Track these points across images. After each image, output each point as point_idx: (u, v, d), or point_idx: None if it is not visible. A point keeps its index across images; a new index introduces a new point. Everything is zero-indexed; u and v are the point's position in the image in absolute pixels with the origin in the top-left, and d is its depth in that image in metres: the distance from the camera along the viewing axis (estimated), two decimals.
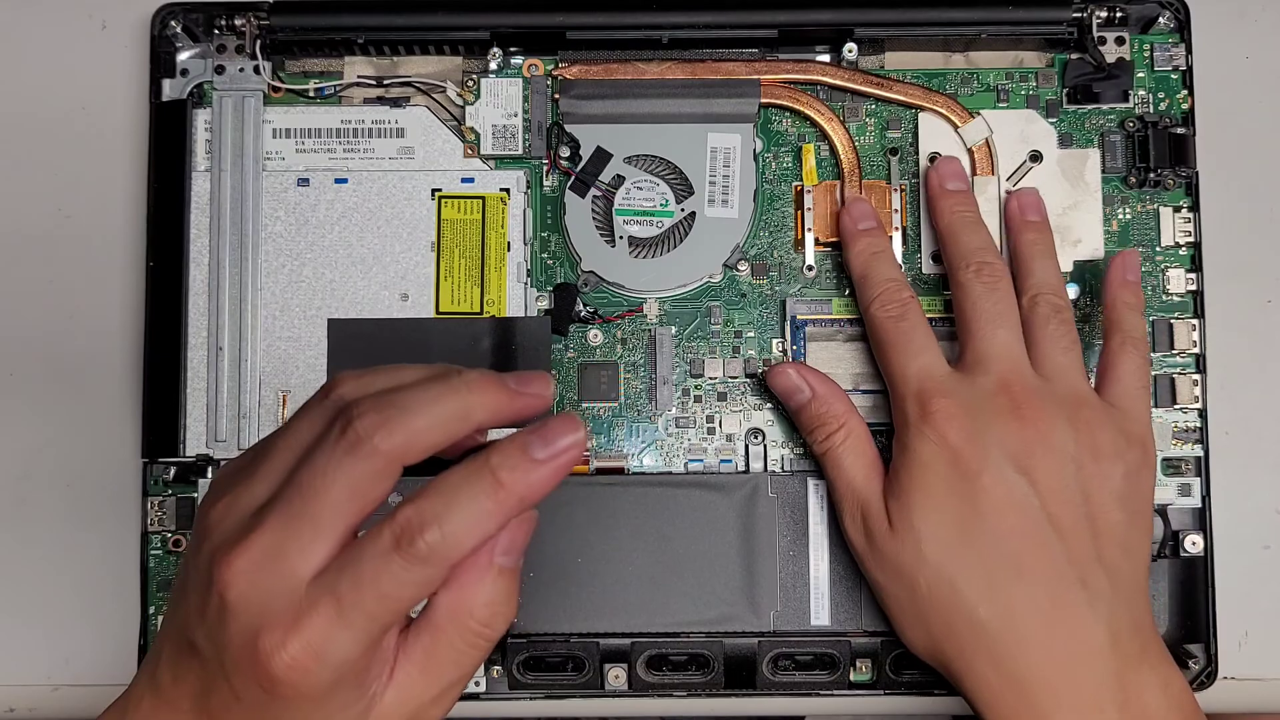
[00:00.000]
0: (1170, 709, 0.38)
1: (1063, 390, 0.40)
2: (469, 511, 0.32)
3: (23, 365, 0.48)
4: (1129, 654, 0.38)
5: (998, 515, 0.39)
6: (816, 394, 0.43)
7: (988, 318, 0.41)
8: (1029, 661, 0.38)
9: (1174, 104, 0.47)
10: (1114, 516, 0.39)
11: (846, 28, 0.46)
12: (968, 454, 0.39)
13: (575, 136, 0.47)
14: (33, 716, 0.47)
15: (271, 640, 0.31)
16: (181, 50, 0.47)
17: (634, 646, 0.44)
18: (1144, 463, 0.41)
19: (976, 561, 0.39)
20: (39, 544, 0.47)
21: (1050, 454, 0.39)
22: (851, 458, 0.42)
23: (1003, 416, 0.39)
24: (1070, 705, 0.38)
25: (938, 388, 0.40)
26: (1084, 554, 0.39)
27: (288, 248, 0.46)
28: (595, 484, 0.44)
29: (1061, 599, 0.38)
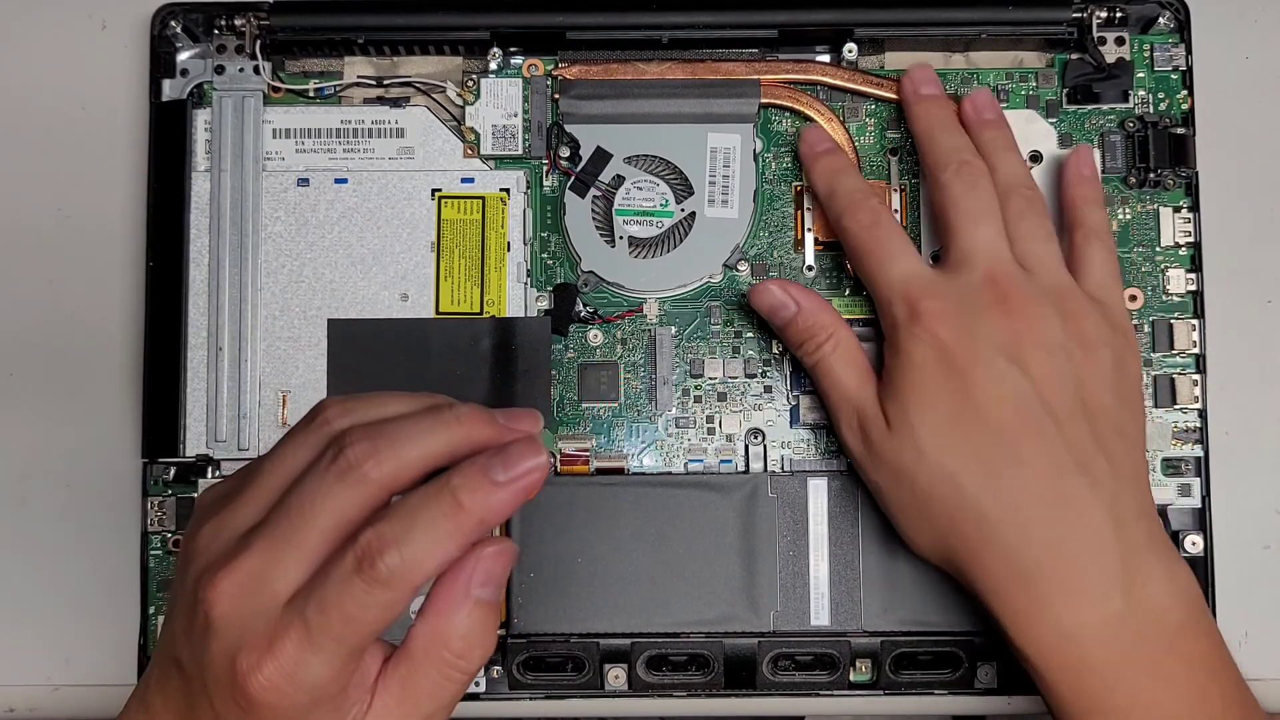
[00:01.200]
0: (1174, 598, 0.38)
1: (1047, 281, 0.41)
2: (428, 534, 0.32)
3: (23, 365, 0.48)
4: (1134, 541, 0.38)
5: (993, 407, 0.39)
6: (803, 307, 0.43)
7: (970, 215, 0.41)
8: (1033, 551, 0.38)
9: (1174, 104, 0.47)
10: (1107, 401, 0.40)
11: (846, 28, 0.46)
12: (959, 350, 0.39)
13: (575, 136, 0.47)
14: (33, 716, 0.47)
15: (248, 661, 0.31)
16: (181, 50, 0.47)
17: (634, 646, 0.44)
18: (1129, 349, 0.41)
19: (975, 454, 0.39)
20: (39, 544, 0.47)
21: (1040, 344, 0.39)
22: (843, 365, 0.42)
23: (991, 311, 0.39)
24: (1075, 592, 0.37)
25: (924, 289, 0.40)
26: (1081, 439, 0.39)
27: (288, 248, 0.46)
28: (595, 484, 0.44)
29: (1062, 485, 0.38)
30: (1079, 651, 0.37)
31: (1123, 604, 0.37)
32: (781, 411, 0.46)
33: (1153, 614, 0.38)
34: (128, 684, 0.46)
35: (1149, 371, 0.46)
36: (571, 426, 0.46)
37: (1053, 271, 0.41)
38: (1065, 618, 0.38)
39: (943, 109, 0.44)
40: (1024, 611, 0.38)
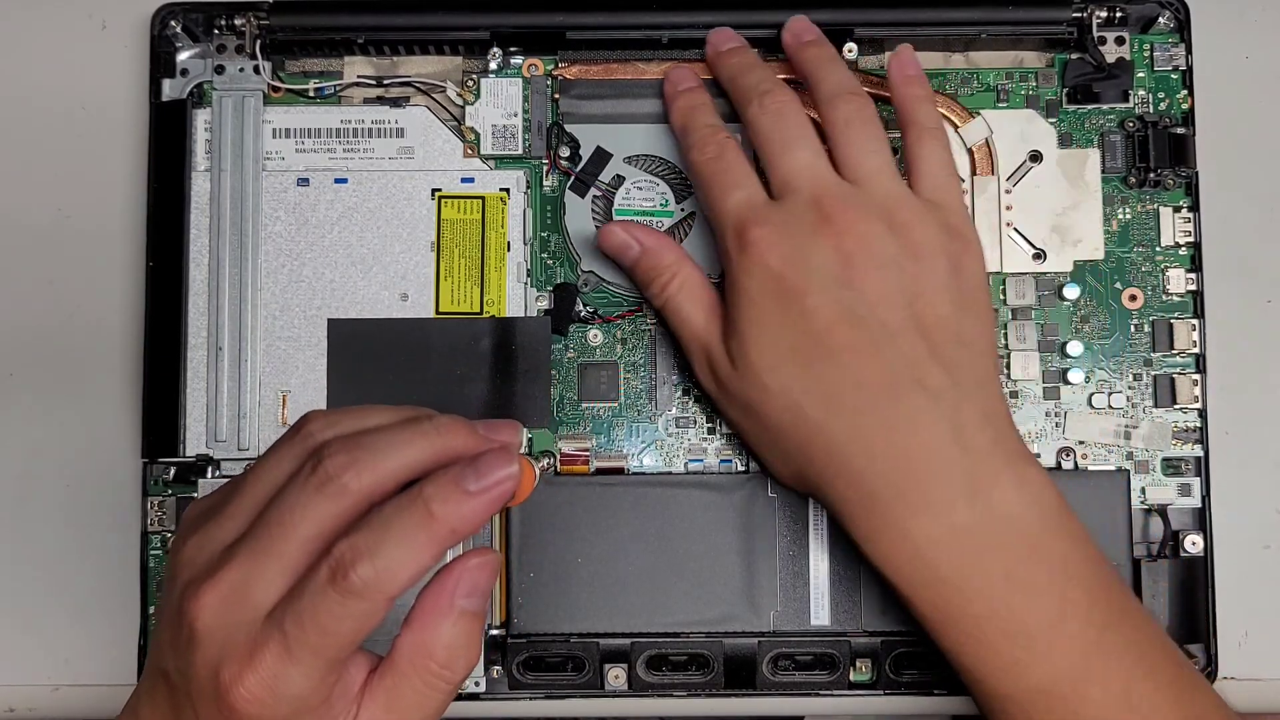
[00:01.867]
0: (1026, 504, 0.37)
1: (875, 194, 0.40)
2: (401, 544, 0.32)
3: (23, 365, 0.48)
4: (977, 448, 0.38)
5: (828, 332, 0.38)
6: (646, 247, 0.42)
7: (782, 143, 0.41)
8: (876, 470, 0.38)
9: (1174, 104, 0.47)
10: (943, 311, 0.39)
11: (846, 28, 0.46)
12: (790, 277, 0.38)
13: (575, 136, 0.47)
14: (32, 716, 0.47)
15: (229, 673, 0.31)
16: (181, 50, 0.47)
17: (634, 646, 0.44)
18: (966, 251, 0.40)
19: (816, 381, 0.38)
20: (39, 544, 0.47)
21: (871, 261, 0.39)
22: (689, 304, 0.42)
23: (818, 233, 0.39)
24: (920, 507, 0.37)
25: (753, 217, 0.40)
26: (917, 353, 0.38)
27: (288, 248, 0.46)
28: (595, 484, 0.44)
29: (900, 402, 0.38)
30: (931, 565, 0.37)
31: (969, 514, 0.37)
32: None
33: (1002, 520, 0.37)
34: (128, 684, 0.46)
35: (1149, 371, 0.46)
36: (571, 426, 0.46)
37: (881, 182, 0.40)
38: (914, 532, 0.37)
39: (744, 56, 0.44)
40: (876, 530, 0.38)
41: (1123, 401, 0.46)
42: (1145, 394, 0.46)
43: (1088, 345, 0.46)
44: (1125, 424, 0.46)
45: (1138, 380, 0.46)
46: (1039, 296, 0.46)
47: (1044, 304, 0.46)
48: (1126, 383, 0.46)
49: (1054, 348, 0.46)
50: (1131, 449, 0.46)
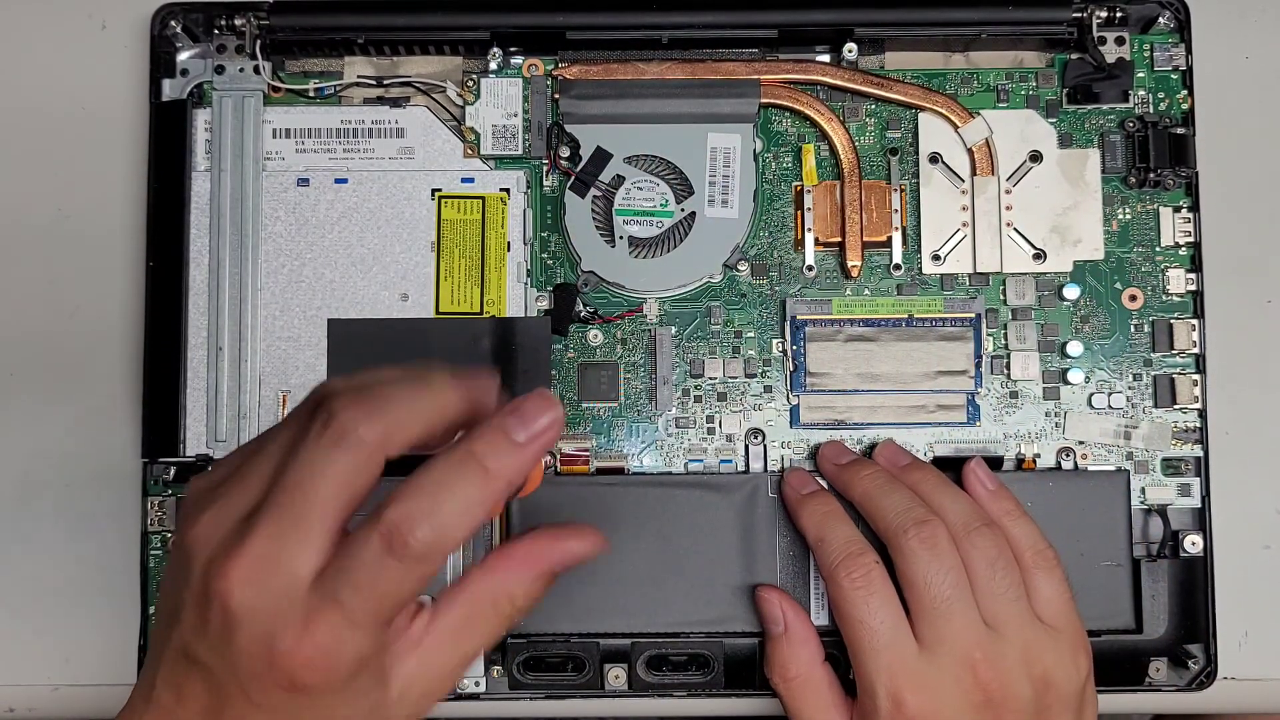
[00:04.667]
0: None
1: (1014, 643, 0.41)
2: (458, 503, 0.32)
3: (23, 365, 0.48)
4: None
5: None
6: (789, 631, 0.43)
7: (942, 591, 0.41)
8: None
9: (1174, 104, 0.47)
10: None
11: (846, 28, 0.46)
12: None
13: (575, 136, 0.47)
14: (32, 716, 0.47)
15: (286, 644, 0.31)
16: (181, 50, 0.47)
17: (634, 646, 0.44)
18: (1087, 665, 0.42)
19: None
20: (39, 544, 0.47)
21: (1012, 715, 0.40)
22: (812, 704, 0.42)
23: (969, 701, 0.40)
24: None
25: (907, 681, 0.40)
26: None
27: (288, 248, 0.46)
28: (595, 484, 0.44)
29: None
30: None
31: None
32: (781, 411, 0.46)
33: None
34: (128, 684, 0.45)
35: (1149, 371, 0.46)
36: (571, 426, 0.46)
37: (1018, 628, 0.41)
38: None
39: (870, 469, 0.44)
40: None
41: (1123, 402, 0.46)
42: (1145, 394, 0.46)
43: (1088, 345, 0.46)
44: (1125, 424, 0.46)
45: (1138, 380, 0.46)
46: (1039, 297, 0.46)
47: (1044, 304, 0.46)
48: (1126, 383, 0.46)
49: (1054, 348, 0.46)
50: (1131, 449, 0.46)
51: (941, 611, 0.41)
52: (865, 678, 0.41)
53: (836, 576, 0.42)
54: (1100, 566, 0.44)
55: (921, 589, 0.41)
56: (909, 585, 0.41)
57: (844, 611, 0.42)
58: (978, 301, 0.46)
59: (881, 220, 0.46)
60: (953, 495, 0.43)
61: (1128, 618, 0.44)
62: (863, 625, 0.41)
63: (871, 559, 0.42)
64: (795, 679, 0.43)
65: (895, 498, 0.43)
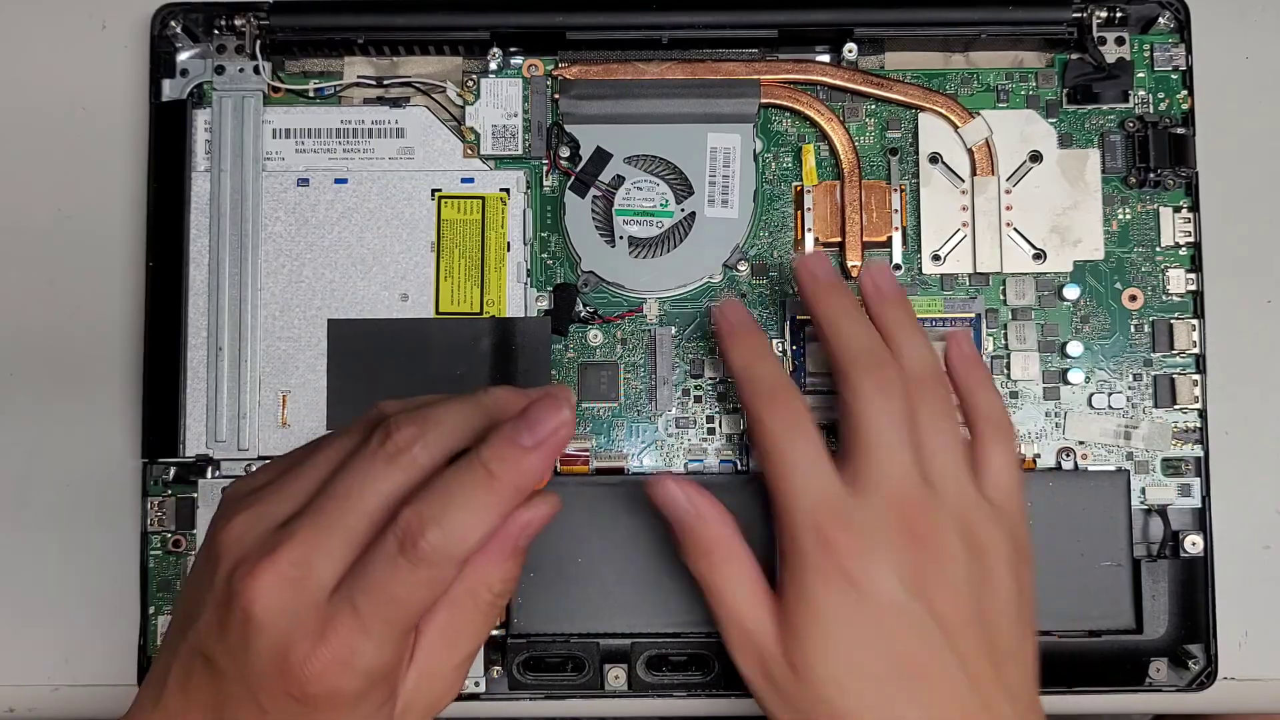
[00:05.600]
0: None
1: (951, 499, 0.39)
2: (466, 508, 0.32)
3: (23, 365, 0.48)
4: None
5: (903, 654, 0.37)
6: (700, 514, 0.39)
7: (885, 435, 0.39)
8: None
9: (1174, 104, 0.47)
10: (1009, 632, 0.38)
11: (846, 28, 0.46)
12: (868, 591, 0.37)
13: (575, 136, 0.47)
14: (32, 716, 0.47)
15: (300, 653, 0.31)
16: (181, 50, 0.47)
17: (634, 646, 0.44)
18: (1023, 560, 0.40)
19: (883, 702, 0.37)
20: (39, 544, 0.47)
21: (947, 582, 0.38)
22: (735, 589, 0.39)
23: (898, 542, 0.37)
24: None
25: (832, 516, 0.37)
26: (986, 680, 0.37)
27: (288, 248, 0.46)
28: (595, 484, 0.44)
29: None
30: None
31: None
32: None
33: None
34: (128, 684, 0.46)
35: (1149, 371, 0.46)
36: None
37: (957, 488, 0.39)
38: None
39: (846, 297, 0.41)
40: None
41: (1123, 402, 0.46)
42: (1145, 394, 0.46)
43: (1088, 345, 0.46)
44: (1125, 424, 0.46)
45: (1138, 380, 0.46)
46: (1039, 297, 0.46)
47: (1044, 304, 0.46)
48: (1126, 383, 0.46)
49: (1054, 348, 0.46)
50: (1131, 449, 0.46)
51: (879, 452, 0.38)
52: (790, 521, 0.38)
53: (763, 414, 0.39)
54: (1100, 566, 0.44)
55: (862, 427, 0.39)
56: (850, 421, 0.39)
57: (768, 449, 0.39)
58: (978, 301, 0.46)
59: (881, 220, 0.46)
60: (919, 342, 0.41)
61: (1128, 618, 0.44)
62: (788, 463, 0.38)
63: (799, 401, 0.39)
64: (717, 553, 0.39)
65: (860, 330, 0.40)
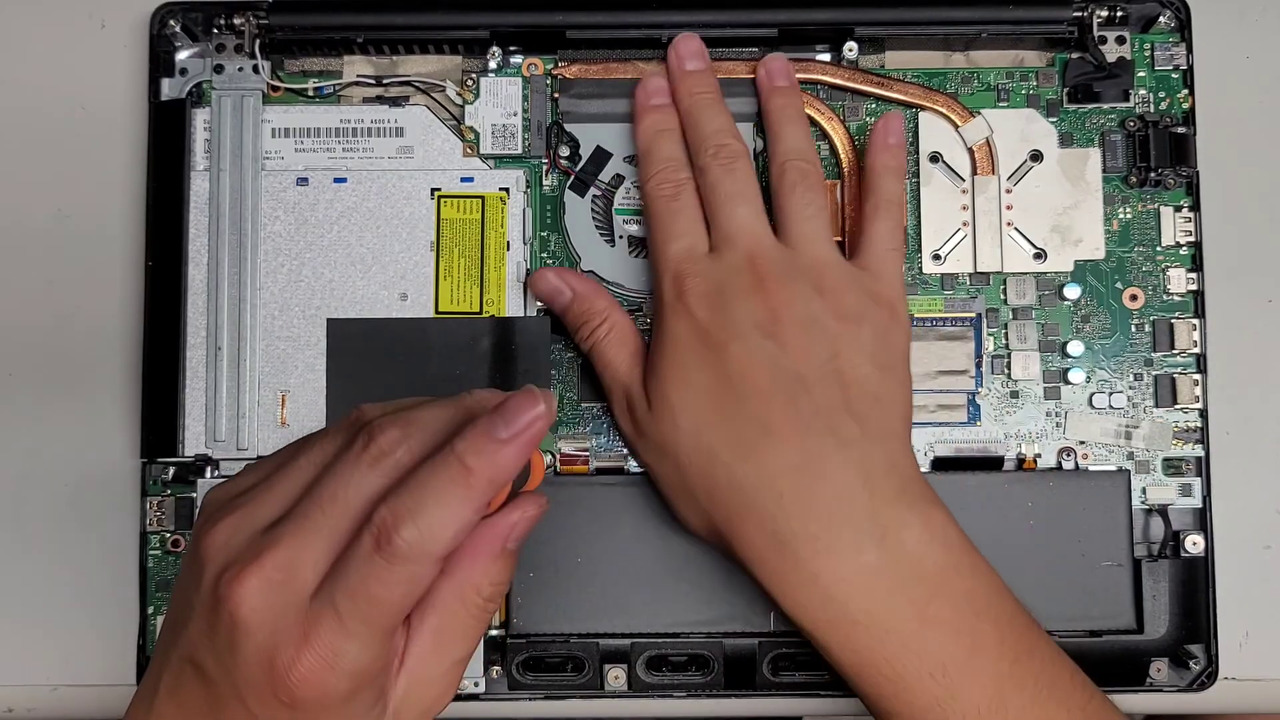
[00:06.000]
0: (930, 543, 0.38)
1: (807, 259, 0.41)
2: (441, 503, 0.32)
3: (22, 365, 0.48)
4: (884, 493, 0.38)
5: (745, 380, 0.39)
6: (577, 293, 0.44)
7: (727, 196, 0.42)
8: (786, 514, 0.38)
9: (1174, 103, 0.47)
10: (863, 370, 0.40)
11: (846, 27, 0.46)
12: (715, 327, 0.40)
13: (575, 136, 0.46)
14: (32, 716, 0.47)
15: (285, 657, 0.31)
16: (180, 50, 0.47)
17: (634, 647, 0.44)
18: (893, 321, 0.41)
19: (729, 426, 0.39)
20: (38, 544, 0.47)
21: (794, 319, 0.40)
22: (615, 349, 0.43)
23: (748, 290, 0.40)
24: (828, 549, 0.38)
25: (691, 268, 0.41)
26: (831, 404, 0.39)
27: (287, 248, 0.46)
28: (595, 484, 0.44)
29: (811, 449, 0.39)
30: (841, 606, 0.38)
31: (876, 555, 0.38)
32: None
33: (909, 560, 0.38)
34: (127, 684, 0.46)
35: (1150, 371, 0.46)
36: (571, 426, 0.46)
37: (815, 247, 0.41)
38: (823, 574, 0.38)
39: (706, 86, 0.45)
40: (785, 573, 0.38)
41: (1123, 401, 0.46)
42: (1146, 394, 0.46)
43: (1088, 345, 0.46)
44: (1126, 424, 0.46)
45: (1138, 380, 0.46)
46: (1039, 296, 0.46)
47: (1044, 304, 0.46)
48: (1127, 383, 0.46)
49: (1055, 348, 0.46)
50: (1132, 449, 0.46)
51: (725, 211, 0.42)
52: (657, 275, 0.42)
53: (648, 186, 0.43)
54: (1101, 566, 0.44)
55: (710, 195, 0.42)
56: (703, 196, 0.43)
57: (650, 216, 0.43)
58: (978, 301, 0.46)
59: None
60: (795, 129, 0.44)
61: (1128, 618, 0.44)
62: (662, 226, 0.42)
63: (685, 175, 0.43)
64: (596, 321, 0.43)
65: (716, 119, 0.44)
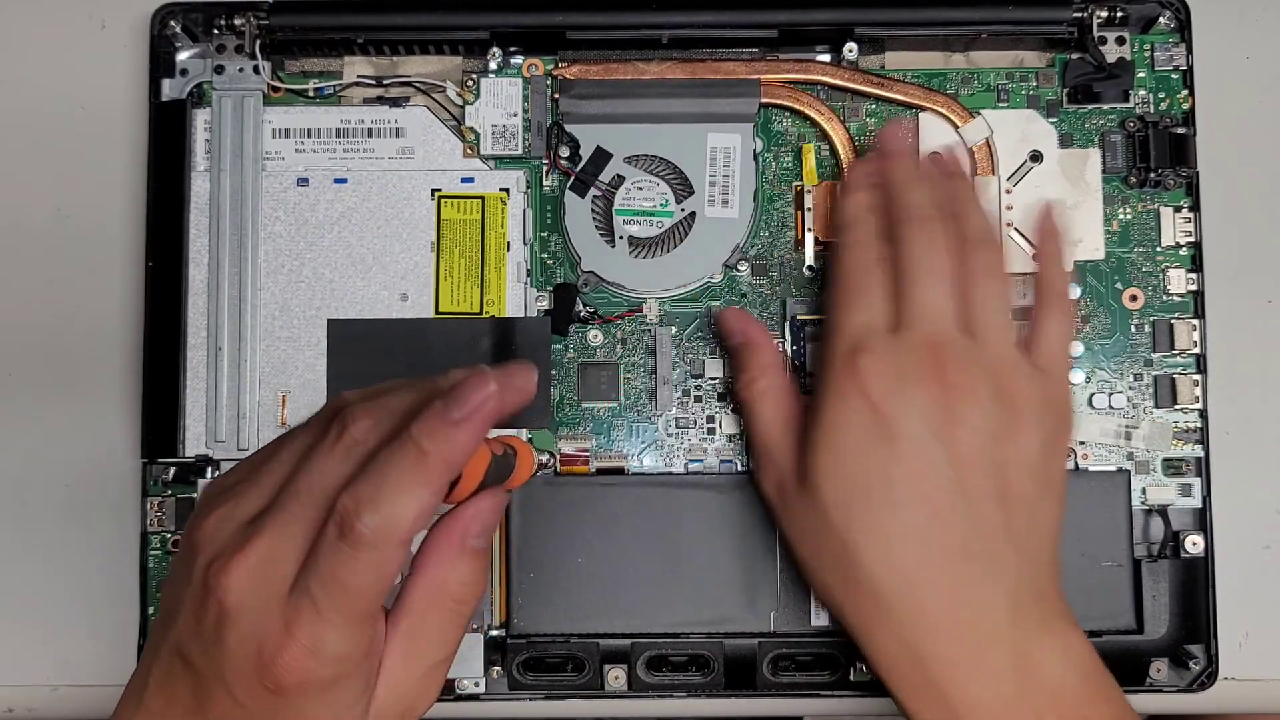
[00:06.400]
0: (1069, 672, 0.37)
1: (990, 353, 0.39)
2: (398, 487, 0.32)
3: (22, 366, 0.48)
4: (1029, 623, 0.37)
5: (909, 483, 0.37)
6: (748, 340, 0.43)
7: (923, 272, 0.40)
8: (927, 633, 0.37)
9: (1174, 104, 0.47)
10: (1025, 487, 0.38)
11: (846, 27, 0.46)
12: (886, 416, 0.38)
13: (575, 136, 0.46)
14: (32, 716, 0.47)
15: (270, 647, 0.31)
16: (181, 50, 0.47)
17: (634, 647, 0.44)
18: (1060, 430, 0.40)
19: (880, 530, 0.38)
20: (39, 544, 0.47)
21: (969, 423, 0.38)
22: (770, 409, 0.42)
23: (927, 379, 0.38)
24: (969, 676, 0.37)
25: (868, 344, 0.39)
26: (991, 525, 0.38)
27: (287, 248, 0.46)
28: (595, 484, 0.44)
29: (964, 572, 0.37)
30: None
31: (1015, 686, 0.37)
32: None
33: (1048, 691, 0.37)
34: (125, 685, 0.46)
35: (1149, 371, 0.46)
36: (571, 426, 0.46)
37: (998, 342, 0.39)
38: (957, 700, 0.37)
39: (909, 164, 0.43)
40: (916, 689, 0.37)
41: (1123, 402, 0.46)
42: (1146, 394, 0.46)
43: (1088, 345, 0.46)
44: (1126, 424, 0.46)
45: (1138, 380, 0.46)
46: None
47: None
48: (1127, 383, 0.46)
49: None
50: (1132, 449, 0.46)
51: (919, 294, 0.39)
52: (828, 348, 0.40)
53: (841, 254, 0.42)
54: (1101, 567, 0.44)
55: (906, 275, 0.40)
56: (899, 266, 0.40)
57: (836, 279, 0.41)
58: None
59: None
60: (976, 211, 0.42)
61: (1128, 618, 0.44)
62: (848, 294, 0.40)
63: (885, 255, 0.41)
64: (761, 378, 0.42)
65: (920, 193, 0.42)
